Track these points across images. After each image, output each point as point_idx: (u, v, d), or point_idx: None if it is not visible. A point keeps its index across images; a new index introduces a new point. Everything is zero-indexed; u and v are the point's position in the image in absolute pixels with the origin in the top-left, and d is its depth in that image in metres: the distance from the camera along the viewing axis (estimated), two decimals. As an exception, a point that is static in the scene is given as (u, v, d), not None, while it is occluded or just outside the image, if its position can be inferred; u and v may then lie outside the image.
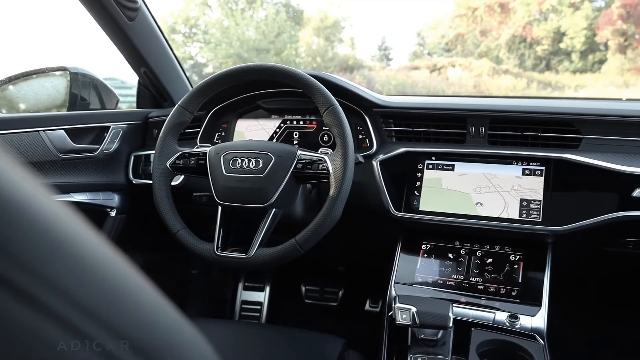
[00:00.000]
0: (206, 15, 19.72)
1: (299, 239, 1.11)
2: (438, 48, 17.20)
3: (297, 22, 19.14)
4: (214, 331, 1.26)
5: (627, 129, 1.28)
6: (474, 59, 15.36)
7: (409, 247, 1.34)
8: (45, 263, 0.22)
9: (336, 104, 1.14)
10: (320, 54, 18.73)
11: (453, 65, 15.13)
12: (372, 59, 18.47)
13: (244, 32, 18.28)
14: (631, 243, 1.31)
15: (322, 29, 18.74)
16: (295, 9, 19.57)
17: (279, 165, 1.15)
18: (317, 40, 18.85)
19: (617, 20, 13.65)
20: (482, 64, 14.96)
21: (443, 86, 13.96)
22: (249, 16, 18.67)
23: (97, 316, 0.23)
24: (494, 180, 1.28)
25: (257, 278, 2.15)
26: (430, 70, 15.18)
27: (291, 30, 18.57)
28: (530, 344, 1.09)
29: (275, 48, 17.91)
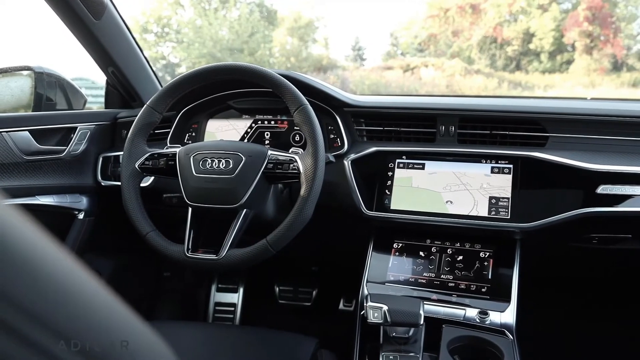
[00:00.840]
0: (178, 14, 19.51)
1: (270, 240, 1.10)
2: (411, 48, 17.36)
3: (271, 22, 19.09)
4: (186, 334, 1.25)
5: (592, 127, 1.31)
6: (447, 59, 15.56)
7: (381, 246, 1.35)
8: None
9: (306, 104, 1.14)
10: (294, 54, 18.72)
11: (426, 65, 15.29)
12: (346, 59, 18.55)
13: (217, 32, 18.14)
14: (596, 238, 1.34)
15: (296, 29, 18.72)
16: (269, 9, 19.52)
17: (249, 165, 1.14)
18: (291, 40, 18.84)
19: (584, 22, 14.00)
20: (455, 64, 15.16)
21: (416, 86, 14.10)
22: (222, 16, 18.54)
23: (43, 320, 0.22)
24: (463, 179, 1.29)
25: (230, 279, 2.14)
26: (403, 70, 15.31)
27: (265, 30, 18.50)
28: (499, 339, 1.10)
29: (248, 48, 17.82)
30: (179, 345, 1.19)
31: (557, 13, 14.78)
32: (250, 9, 18.86)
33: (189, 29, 18.72)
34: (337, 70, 16.72)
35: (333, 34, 21.76)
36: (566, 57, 14.64)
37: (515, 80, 14.49)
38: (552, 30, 14.67)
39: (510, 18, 15.72)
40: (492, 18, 15.58)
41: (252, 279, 2.15)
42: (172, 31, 19.03)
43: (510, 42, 15.40)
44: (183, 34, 18.67)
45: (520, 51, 15.39)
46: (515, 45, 15.41)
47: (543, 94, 11.43)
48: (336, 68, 17.07)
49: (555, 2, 15.00)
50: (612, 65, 13.85)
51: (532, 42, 15.01)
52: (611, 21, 14.13)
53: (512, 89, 14.09)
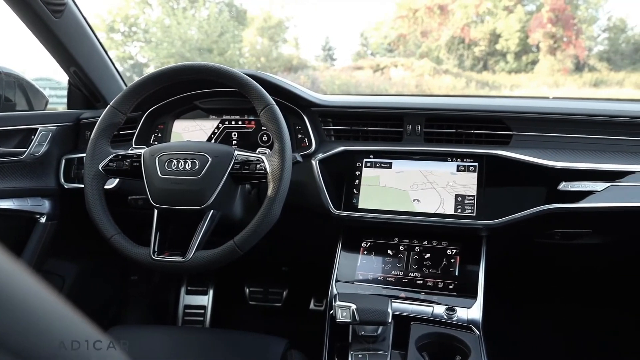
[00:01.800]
0: (146, 13, 19.18)
1: (238, 240, 1.09)
2: (381, 48, 17.49)
3: (241, 21, 18.94)
4: (153, 338, 1.23)
5: (554, 126, 1.34)
6: (416, 59, 15.72)
7: (350, 245, 1.35)
8: None
9: (272, 104, 1.13)
10: (264, 54, 18.62)
11: (395, 65, 15.42)
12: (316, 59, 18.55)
13: (186, 32, 17.90)
14: (559, 234, 1.37)
15: (266, 29, 18.63)
16: (239, 9, 19.36)
17: (215, 166, 1.13)
18: (261, 40, 18.73)
19: (547, 24, 14.35)
20: (424, 64, 15.34)
21: (386, 86, 14.20)
22: (191, 15, 18.30)
23: None
24: (430, 177, 1.31)
25: (200, 282, 2.12)
26: (373, 70, 15.40)
27: (234, 30, 18.34)
28: (466, 335, 1.12)
29: (218, 48, 17.65)
30: (146, 350, 1.17)
31: (522, 14, 15.11)
32: (219, 9, 18.68)
33: (157, 28, 18.43)
34: (307, 70, 16.70)
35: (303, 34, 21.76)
36: (531, 57, 14.98)
37: (482, 80, 14.75)
38: (518, 31, 14.99)
39: (477, 19, 15.99)
40: (459, 19, 15.82)
41: (222, 281, 2.13)
42: (140, 30, 18.70)
43: (478, 43, 15.68)
44: (151, 34, 18.37)
45: (487, 51, 15.67)
46: (482, 45, 15.70)
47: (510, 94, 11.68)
48: (306, 68, 17.06)
49: (520, 3, 15.34)
50: (575, 66, 14.25)
51: (499, 42, 15.31)
52: (573, 23, 14.52)
53: (480, 89, 14.34)
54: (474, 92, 13.95)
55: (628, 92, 12.78)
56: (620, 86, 12.77)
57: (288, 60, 18.09)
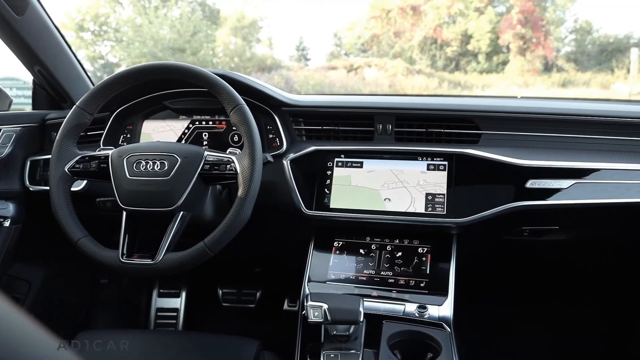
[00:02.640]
0: (117, 12, 18.86)
1: (208, 242, 1.08)
2: (354, 48, 17.57)
3: (214, 21, 18.79)
4: (123, 342, 1.21)
5: (521, 125, 1.37)
6: (389, 60, 15.84)
7: (322, 244, 1.35)
8: None
9: (242, 103, 1.13)
10: (237, 53, 18.51)
11: (369, 66, 15.51)
12: (290, 59, 18.54)
13: (158, 31, 17.66)
14: (527, 231, 1.40)
15: (240, 29, 18.53)
16: (212, 8, 19.21)
17: (185, 166, 1.12)
18: (235, 40, 18.63)
19: (517, 25, 14.63)
20: (397, 64, 15.47)
21: (360, 86, 14.27)
22: (163, 14, 18.07)
23: None
24: (400, 176, 1.31)
25: (172, 284, 2.09)
26: (347, 70, 15.46)
27: (207, 30, 18.19)
28: (437, 332, 1.13)
29: (191, 47, 17.47)
30: (115, 355, 1.15)
31: (493, 16, 15.38)
32: (192, 8, 18.50)
33: (128, 27, 18.15)
34: (281, 70, 16.67)
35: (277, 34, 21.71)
36: (502, 58, 15.26)
37: (454, 80, 14.96)
38: (489, 32, 15.25)
39: (449, 20, 16.21)
40: (432, 19, 16.01)
41: (194, 283, 2.11)
42: (110, 29, 18.38)
43: (450, 43, 15.88)
44: (122, 33, 18.08)
45: (459, 52, 15.90)
46: (454, 46, 15.91)
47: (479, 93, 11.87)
48: (280, 68, 17.02)
49: (491, 5, 15.60)
50: (544, 66, 14.57)
51: (470, 43, 15.55)
52: (541, 24, 14.85)
53: (452, 89, 14.53)
54: (446, 91, 14.13)
55: (594, 92, 13.12)
56: (587, 86, 13.12)
57: (262, 60, 18.02)
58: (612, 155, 1.33)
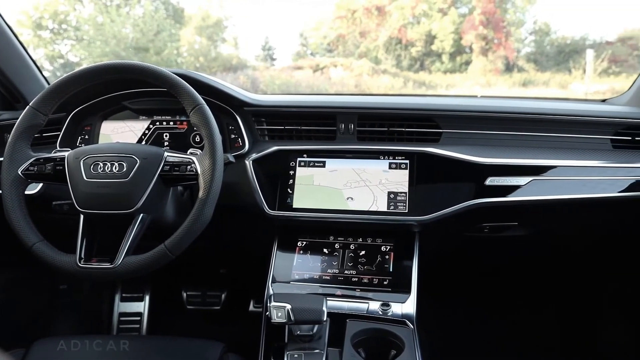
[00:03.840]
0: (77, 10, 18.36)
1: (169, 244, 1.07)
2: (320, 48, 17.58)
3: (178, 20, 18.49)
4: (82, 349, 1.18)
5: (481, 123, 1.40)
6: (355, 59, 15.91)
7: (285, 245, 1.35)
8: None
9: (202, 103, 1.11)
10: (203, 53, 18.27)
11: (335, 65, 15.54)
12: (256, 58, 18.39)
13: (121, 30, 17.28)
14: (487, 227, 1.43)
15: (204, 28, 18.29)
16: (175, 7, 18.90)
17: (144, 168, 1.10)
18: (200, 39, 18.37)
19: (479, 26, 14.92)
20: (362, 64, 15.54)
21: (326, 86, 14.29)
22: (125, 13, 17.69)
23: None
24: (363, 175, 1.32)
25: (135, 288, 2.05)
26: (313, 70, 15.45)
27: (171, 29, 17.88)
28: (400, 329, 1.14)
29: (155, 47, 17.15)
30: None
31: (456, 17, 15.62)
32: (155, 7, 18.15)
33: (89, 26, 17.68)
34: (247, 70, 16.52)
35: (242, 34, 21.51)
36: (465, 58, 15.52)
37: (419, 80, 15.12)
38: (452, 33, 15.49)
39: (413, 20, 16.38)
40: (396, 20, 16.16)
41: (158, 286, 2.08)
42: (70, 28, 17.87)
43: (414, 44, 16.06)
44: (83, 31, 17.60)
45: (423, 52, 16.09)
46: (418, 46, 16.10)
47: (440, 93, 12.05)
48: (246, 68, 16.87)
49: (454, 6, 15.85)
50: (505, 67, 14.89)
51: (434, 43, 15.76)
52: (502, 25, 15.19)
53: (417, 88, 14.70)
54: (411, 91, 14.28)
55: (553, 91, 13.49)
56: (546, 86, 13.47)
57: (227, 60, 17.84)
58: (568, 153, 1.37)
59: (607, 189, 1.33)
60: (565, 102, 1.73)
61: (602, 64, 12.84)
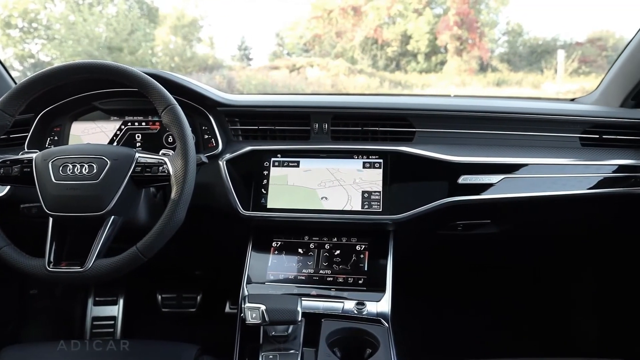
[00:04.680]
0: (48, 9, 17.98)
1: (141, 246, 1.05)
2: (297, 48, 17.55)
3: (152, 19, 18.24)
4: (53, 355, 1.16)
5: (454, 122, 1.41)
6: (331, 59, 15.93)
7: (260, 245, 1.35)
8: None
9: (174, 104, 1.10)
10: (178, 53, 18.06)
11: (311, 65, 15.53)
12: (232, 58, 18.25)
13: (93, 29, 16.98)
14: (461, 225, 1.45)
15: (180, 28, 18.08)
16: (150, 6, 18.65)
17: (115, 169, 1.08)
18: (175, 39, 18.15)
19: (454, 26, 15.10)
20: (339, 64, 15.57)
21: (303, 85, 14.27)
22: (98, 12, 17.39)
23: None
24: (337, 175, 1.33)
25: (108, 291, 2.02)
26: (289, 70, 15.41)
27: (146, 28, 17.64)
28: (375, 328, 1.15)
29: (129, 47, 16.88)
30: None
31: (431, 17, 15.77)
32: (129, 6, 17.88)
33: (60, 25, 17.33)
34: (223, 70, 16.41)
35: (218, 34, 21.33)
36: (440, 58, 15.68)
37: (395, 80, 15.22)
38: (427, 33, 15.63)
39: (389, 20, 16.48)
40: (372, 20, 16.23)
41: (132, 289, 2.05)
42: (41, 27, 17.49)
43: (390, 44, 16.17)
44: (54, 30, 17.24)
45: (399, 52, 16.20)
46: (394, 46, 16.21)
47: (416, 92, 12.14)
48: (222, 68, 16.74)
49: (429, 7, 16.01)
50: (479, 67, 15.10)
51: (410, 43, 15.88)
52: (477, 26, 15.39)
53: (393, 88, 14.79)
54: (387, 91, 14.36)
55: (526, 91, 13.72)
56: (519, 85, 13.70)
57: (203, 60, 17.67)
58: (539, 151, 1.40)
59: (577, 186, 1.36)
60: (535, 102, 1.77)
61: (573, 64, 13.13)
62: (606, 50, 13.04)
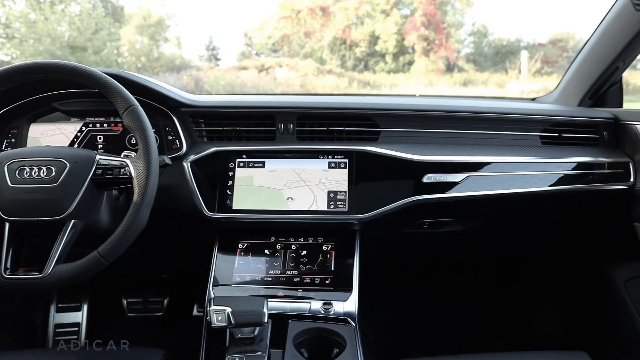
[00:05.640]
0: (7, 6, 17.43)
1: (102, 250, 1.03)
2: (265, 48, 17.48)
3: (117, 19, 17.89)
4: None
5: (418, 122, 1.43)
6: (300, 60, 15.93)
7: (226, 247, 1.33)
8: None
9: (136, 105, 1.08)
10: (144, 53, 17.75)
11: (280, 66, 15.50)
12: (200, 59, 18.05)
13: (55, 28, 16.54)
14: (426, 223, 1.47)
15: (146, 27, 17.78)
16: (114, 5, 18.28)
17: (75, 172, 1.06)
18: (141, 38, 17.85)
19: (421, 27, 15.30)
20: (307, 64, 15.59)
21: (272, 86, 14.24)
22: (60, 10, 16.95)
23: None
24: (302, 175, 1.33)
25: (72, 297, 1.96)
26: (258, 71, 15.34)
27: (111, 28, 17.28)
28: (342, 327, 1.15)
29: (93, 46, 16.51)
30: None
31: (398, 18, 15.94)
32: (92, 4, 17.49)
33: (20, 23, 16.83)
34: (191, 70, 16.21)
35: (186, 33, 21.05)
36: (408, 58, 15.86)
37: (364, 80, 15.33)
38: (395, 34, 15.79)
39: (357, 21, 16.58)
40: (340, 20, 16.30)
41: (97, 295, 2.00)
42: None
43: (358, 44, 16.27)
44: (14, 29, 16.73)
45: (367, 52, 16.32)
46: (362, 46, 16.32)
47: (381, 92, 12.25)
48: (190, 68, 16.54)
49: (396, 7, 16.17)
50: (446, 67, 15.35)
51: (378, 44, 16.01)
52: (443, 27, 15.64)
53: (362, 88, 14.91)
54: (356, 91, 14.44)
55: (491, 90, 14.02)
56: (485, 85, 14.00)
57: (170, 60, 17.42)
58: (502, 149, 1.43)
59: (538, 184, 1.39)
60: (498, 101, 1.81)
61: (536, 65, 13.49)
62: (567, 51, 13.44)
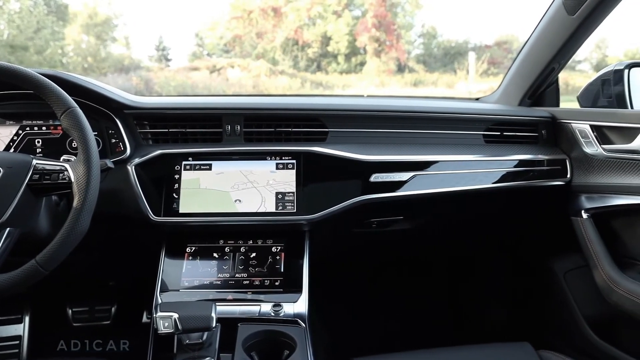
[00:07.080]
0: (-60, 4, 16.49)
1: (40, 259, 0.99)
2: (217, 49, 17.27)
3: (61, 17, 17.25)
4: None
5: (365, 122, 1.45)
6: (252, 60, 15.84)
7: (173, 251, 1.31)
8: None
9: (74, 107, 1.04)
10: (91, 53, 17.19)
11: (232, 66, 15.37)
12: (150, 59, 17.64)
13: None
14: (375, 223, 1.48)
15: (92, 27, 17.22)
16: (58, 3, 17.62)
17: (9, 177, 1.01)
18: (87, 38, 17.28)
19: (372, 28, 15.52)
20: (260, 64, 15.52)
21: (224, 86, 14.11)
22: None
23: None
24: (250, 177, 1.32)
25: (11, 309, 1.87)
26: (210, 71, 15.16)
27: (54, 26, 16.64)
28: (292, 329, 1.15)
29: (35, 45, 15.86)
30: None
31: (350, 19, 16.11)
32: (34, 2, 16.80)
33: (-46, 21, 15.96)
34: (140, 71, 15.83)
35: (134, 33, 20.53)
36: (360, 59, 16.06)
37: (316, 81, 15.41)
38: (346, 35, 15.95)
39: (309, 22, 16.64)
40: (292, 21, 16.32)
41: (39, 305, 1.91)
42: None
43: (311, 45, 16.34)
44: (-56, 26, 15.85)
45: (319, 53, 16.41)
46: (315, 47, 16.40)
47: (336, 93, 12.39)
48: (139, 69, 16.15)
49: (347, 9, 16.33)
50: (397, 67, 15.64)
51: (330, 44, 16.13)
52: (394, 28, 15.94)
53: (315, 89, 14.97)
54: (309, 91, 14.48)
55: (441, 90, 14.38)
56: (435, 85, 14.35)
57: (119, 60, 16.95)
58: (447, 148, 1.47)
59: (483, 181, 1.44)
60: (443, 101, 1.85)
61: (483, 66, 13.93)
62: (511, 53, 13.95)
